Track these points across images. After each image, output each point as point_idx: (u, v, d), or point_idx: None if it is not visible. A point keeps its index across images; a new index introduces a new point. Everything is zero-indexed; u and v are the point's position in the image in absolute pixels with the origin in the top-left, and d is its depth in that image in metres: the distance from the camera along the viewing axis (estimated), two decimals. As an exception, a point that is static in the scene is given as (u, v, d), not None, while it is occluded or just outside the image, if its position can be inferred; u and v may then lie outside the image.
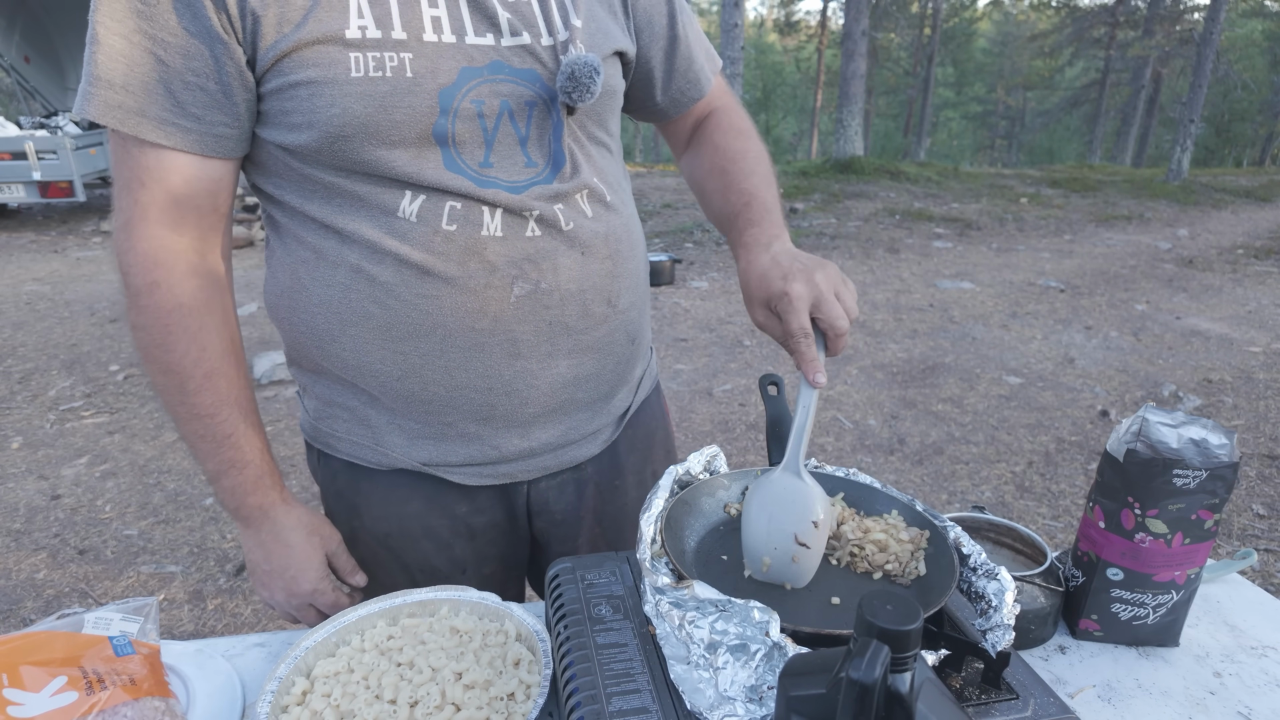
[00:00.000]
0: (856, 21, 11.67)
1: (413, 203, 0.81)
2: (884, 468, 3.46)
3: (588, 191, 0.89)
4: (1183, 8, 21.09)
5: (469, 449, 0.94)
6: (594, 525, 1.08)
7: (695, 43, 1.04)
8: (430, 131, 0.79)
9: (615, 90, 0.92)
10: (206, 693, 0.77)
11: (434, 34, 0.78)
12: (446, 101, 0.79)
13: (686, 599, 0.66)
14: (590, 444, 1.02)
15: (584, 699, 0.66)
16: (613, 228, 0.92)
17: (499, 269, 0.84)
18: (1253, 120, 26.95)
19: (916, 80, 27.97)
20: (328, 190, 0.82)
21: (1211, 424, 0.85)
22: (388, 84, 0.76)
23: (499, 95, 0.81)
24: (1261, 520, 3.03)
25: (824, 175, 12.00)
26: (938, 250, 7.94)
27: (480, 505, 0.99)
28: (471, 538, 1.01)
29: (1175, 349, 4.99)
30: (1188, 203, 10.98)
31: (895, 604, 0.46)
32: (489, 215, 0.82)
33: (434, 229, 0.81)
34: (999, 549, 0.98)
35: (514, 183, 0.83)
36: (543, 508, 1.04)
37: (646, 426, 1.12)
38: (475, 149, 0.82)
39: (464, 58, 0.79)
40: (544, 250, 0.86)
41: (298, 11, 0.75)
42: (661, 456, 1.15)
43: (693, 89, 1.05)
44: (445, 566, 1.02)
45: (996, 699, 0.67)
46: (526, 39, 0.82)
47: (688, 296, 6.28)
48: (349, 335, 0.87)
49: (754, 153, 1.04)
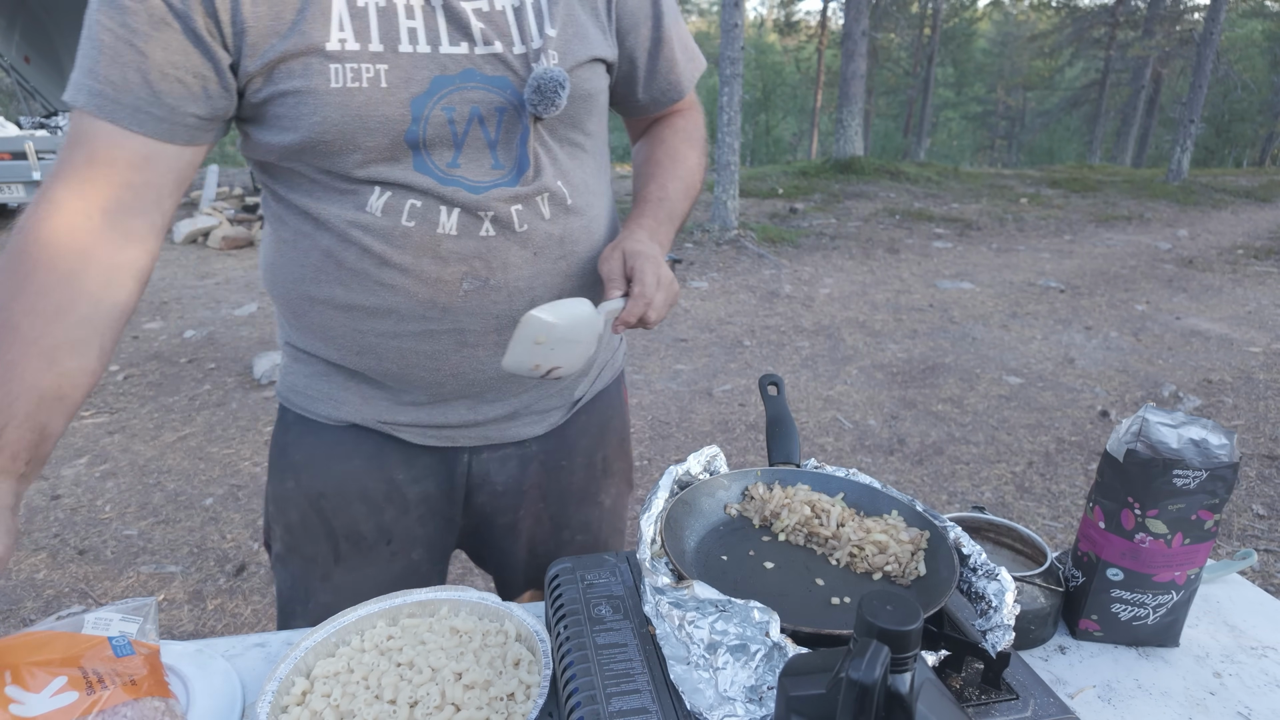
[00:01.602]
0: (856, 21, 11.67)
1: (379, 198, 0.87)
2: (884, 468, 3.46)
3: (548, 195, 0.93)
4: (1183, 8, 21.09)
5: (418, 413, 1.00)
6: (538, 500, 1.11)
7: (679, 45, 1.06)
8: (402, 137, 0.84)
9: (592, 94, 0.95)
10: (206, 693, 0.77)
11: (410, 45, 0.83)
12: (418, 109, 0.83)
13: (686, 599, 0.66)
14: (538, 424, 1.07)
15: (584, 699, 0.66)
16: (570, 230, 0.96)
17: (450, 264, 0.89)
18: (1253, 120, 26.95)
19: (916, 80, 27.97)
20: (309, 182, 0.88)
21: (1211, 424, 0.85)
22: (363, 94, 0.81)
23: (470, 101, 0.85)
24: (1261, 520, 3.03)
25: (824, 175, 12.00)
26: (938, 250, 7.95)
27: (418, 473, 1.03)
28: (404, 508, 1.04)
29: (1175, 349, 4.99)
30: (1188, 203, 10.98)
31: (895, 604, 0.46)
32: (445, 214, 0.88)
33: (394, 224, 0.87)
34: (999, 549, 0.98)
35: (477, 183, 0.88)
36: (484, 480, 1.07)
37: (602, 414, 1.16)
38: (445, 151, 0.86)
39: (437, 67, 0.84)
40: (495, 249, 0.90)
41: (285, 24, 0.79)
42: (615, 444, 1.20)
43: (673, 91, 1.09)
44: (371, 534, 1.04)
45: (996, 699, 0.67)
46: (498, 47, 0.86)
47: (688, 297, 6.28)
48: (317, 310, 0.94)
49: (690, 162, 1.10)
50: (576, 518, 1.15)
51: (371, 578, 1.05)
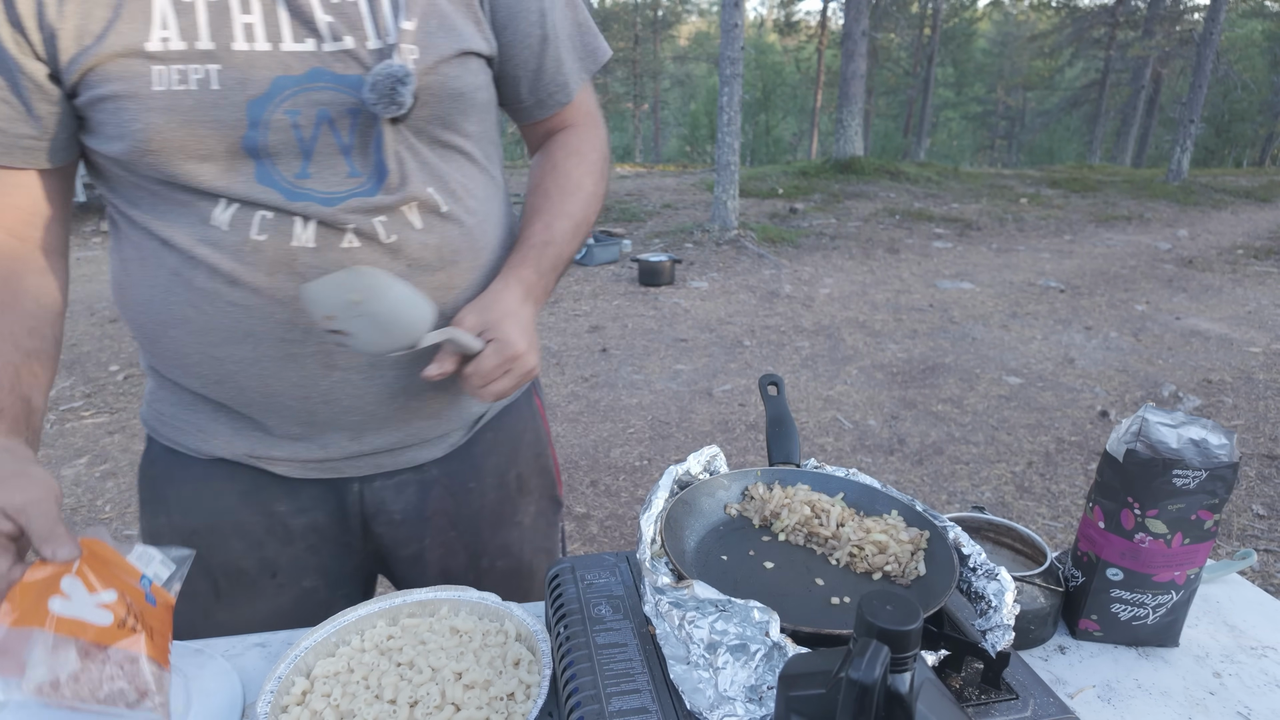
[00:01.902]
0: (856, 22, 11.67)
1: (225, 211, 0.80)
2: (884, 468, 3.46)
3: (417, 203, 0.85)
4: (1182, 8, 21.10)
5: (293, 446, 0.92)
6: (446, 528, 1.02)
7: (568, 41, 0.97)
8: (240, 145, 0.77)
9: (463, 92, 0.86)
10: (206, 692, 0.77)
11: (245, 42, 0.76)
12: (257, 114, 0.76)
13: (686, 599, 0.66)
14: (434, 446, 0.99)
15: (584, 699, 0.66)
16: (449, 240, 0.88)
17: (308, 280, 0.80)
18: (1253, 120, 26.95)
19: (916, 80, 27.97)
20: (150, 195, 0.81)
21: (1211, 424, 0.85)
22: (191, 98, 0.74)
23: (317, 104, 0.78)
24: (1261, 520, 3.03)
25: (824, 175, 12.01)
26: (937, 250, 7.95)
27: (303, 503, 0.95)
28: (288, 540, 0.97)
29: (1175, 349, 4.99)
30: (1187, 203, 10.99)
31: (895, 604, 0.46)
32: (301, 226, 0.80)
33: (244, 238, 0.80)
34: (999, 549, 0.98)
35: (330, 195, 0.80)
36: (379, 508, 0.99)
37: (511, 430, 1.07)
38: (291, 160, 0.79)
39: (280, 66, 0.76)
40: (361, 262, 0.82)
41: (98, 24, 0.73)
42: (530, 459, 1.10)
43: (561, 93, 0.99)
44: (253, 569, 0.97)
45: (996, 699, 0.67)
46: (349, 43, 0.78)
47: (687, 297, 6.28)
48: (169, 336, 0.86)
49: (584, 192, 1.00)
50: (494, 542, 1.06)
51: (259, 610, 0.98)
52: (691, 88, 36.37)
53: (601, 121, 1.07)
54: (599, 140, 1.05)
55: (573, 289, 6.66)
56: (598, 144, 1.04)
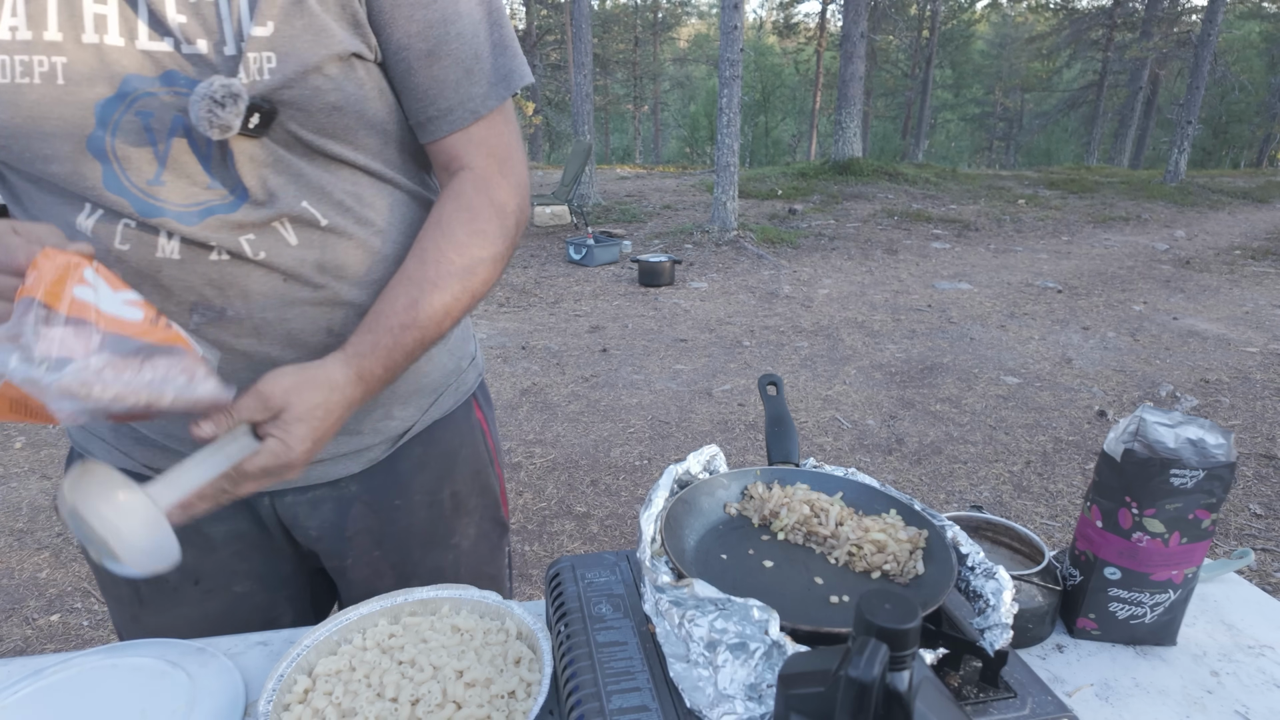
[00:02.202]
0: (855, 24, 11.68)
1: (89, 218, 0.74)
2: (882, 467, 3.46)
3: (289, 219, 0.77)
4: (1180, 9, 21.13)
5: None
6: (370, 546, 0.96)
7: (466, 63, 0.81)
8: (85, 146, 0.71)
9: (342, 105, 0.76)
10: (209, 691, 0.78)
11: (96, 34, 0.69)
12: (105, 113, 0.70)
13: (686, 597, 0.66)
14: (350, 461, 0.92)
15: (584, 696, 0.66)
16: (332, 254, 0.80)
17: (174, 294, 0.76)
18: (1250, 122, 27.00)
19: (915, 82, 27.99)
20: (19, 196, 0.77)
21: (1208, 424, 0.85)
22: (36, 91, 0.69)
23: (172, 109, 0.71)
24: (1258, 520, 3.04)
25: (823, 176, 12.02)
26: (936, 251, 7.95)
27: (220, 512, 0.85)
28: (209, 549, 0.92)
29: (1172, 349, 5.00)
30: (1185, 204, 11.01)
31: (894, 603, 0.47)
32: (165, 237, 0.74)
33: (107, 248, 0.74)
34: (997, 548, 0.99)
35: (187, 210, 0.74)
36: (294, 523, 0.93)
37: (445, 445, 0.99)
38: (144, 166, 0.73)
39: (133, 64, 0.70)
40: (231, 276, 0.76)
41: None
42: (467, 477, 1.02)
43: (444, 120, 0.83)
44: (173, 577, 0.91)
45: (994, 697, 0.67)
46: (202, 47, 0.71)
47: (687, 297, 6.29)
48: None
49: (465, 261, 0.82)
50: (425, 564, 1.00)
51: (184, 617, 0.94)
52: (691, 89, 36.37)
53: (512, 165, 0.87)
54: (501, 193, 0.85)
55: (573, 289, 6.67)
56: (498, 198, 0.85)
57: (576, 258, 7.54)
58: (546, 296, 6.45)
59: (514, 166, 0.87)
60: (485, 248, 0.83)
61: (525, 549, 2.89)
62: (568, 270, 7.33)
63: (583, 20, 10.08)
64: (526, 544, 2.92)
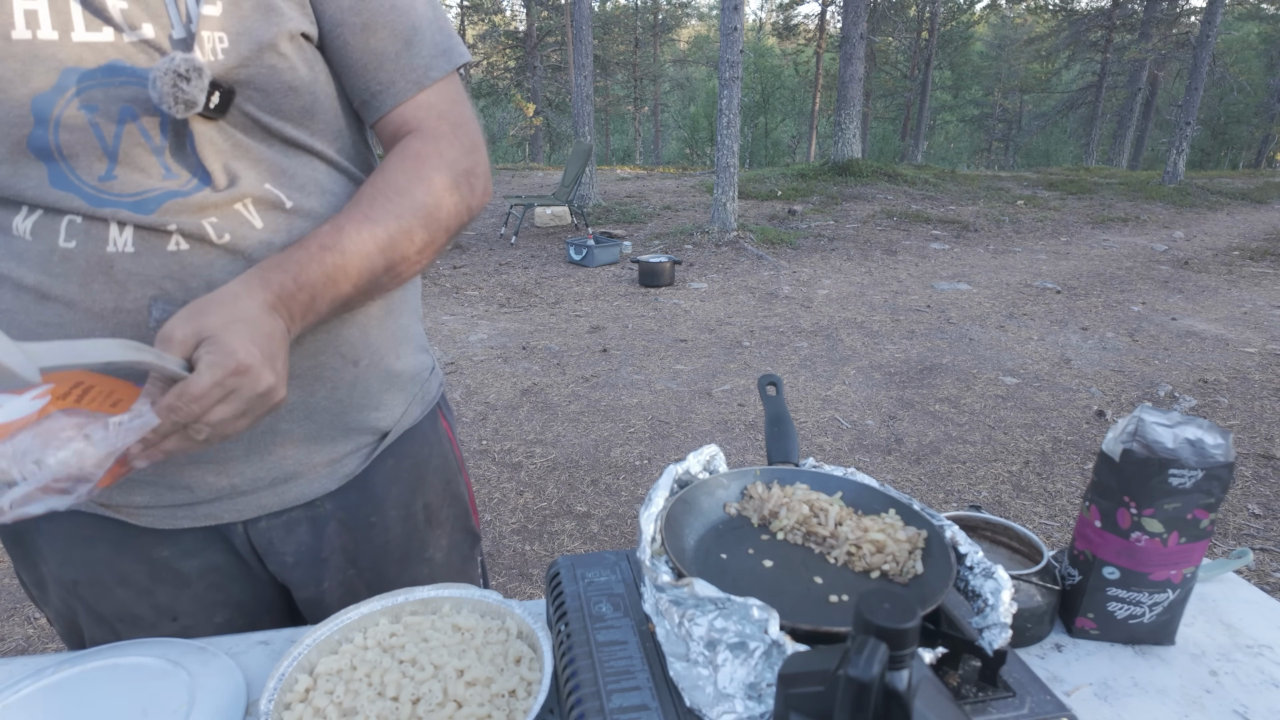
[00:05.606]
0: (854, 25, 11.69)
1: (26, 220, 0.71)
2: (882, 467, 3.47)
3: (252, 200, 0.75)
4: (1179, 11, 21.15)
5: (153, 490, 0.81)
6: (345, 566, 0.94)
7: (393, 30, 0.80)
8: (25, 145, 0.68)
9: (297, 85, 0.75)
10: (210, 690, 0.78)
11: (27, 30, 0.66)
12: (43, 110, 0.67)
13: (686, 597, 0.66)
14: (325, 478, 0.89)
15: (584, 695, 0.66)
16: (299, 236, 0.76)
17: (129, 289, 0.72)
18: (1248, 123, 27.03)
19: (914, 83, 28.01)
20: None
21: (1207, 424, 0.85)
22: None
23: (119, 100, 0.69)
24: (1257, 520, 3.04)
25: (822, 177, 12.03)
26: (935, 252, 7.96)
27: (188, 548, 0.86)
28: (182, 584, 0.88)
29: (1171, 350, 5.01)
30: (1183, 205, 11.02)
31: (893, 602, 0.47)
32: (116, 229, 0.71)
33: (50, 247, 0.71)
34: (996, 548, 0.99)
35: (142, 198, 0.71)
36: (268, 549, 0.90)
37: (415, 456, 0.97)
38: (93, 162, 0.70)
39: (71, 58, 0.67)
40: (193, 266, 0.73)
41: None
42: (439, 487, 1.01)
43: (385, 95, 0.81)
44: (149, 615, 0.88)
45: (993, 697, 0.67)
46: (149, 32, 0.69)
47: (687, 298, 6.29)
48: None
49: (405, 200, 0.78)
50: (401, 580, 0.97)
51: None
52: (691, 91, 36.39)
53: (466, 128, 0.85)
54: (452, 150, 0.82)
55: (574, 290, 6.67)
56: (447, 150, 0.82)
57: (577, 258, 7.55)
58: (547, 297, 6.45)
59: (468, 131, 0.84)
60: (429, 195, 0.79)
61: (525, 548, 2.89)
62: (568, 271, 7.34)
63: (583, 22, 10.08)
64: (526, 543, 2.92)
